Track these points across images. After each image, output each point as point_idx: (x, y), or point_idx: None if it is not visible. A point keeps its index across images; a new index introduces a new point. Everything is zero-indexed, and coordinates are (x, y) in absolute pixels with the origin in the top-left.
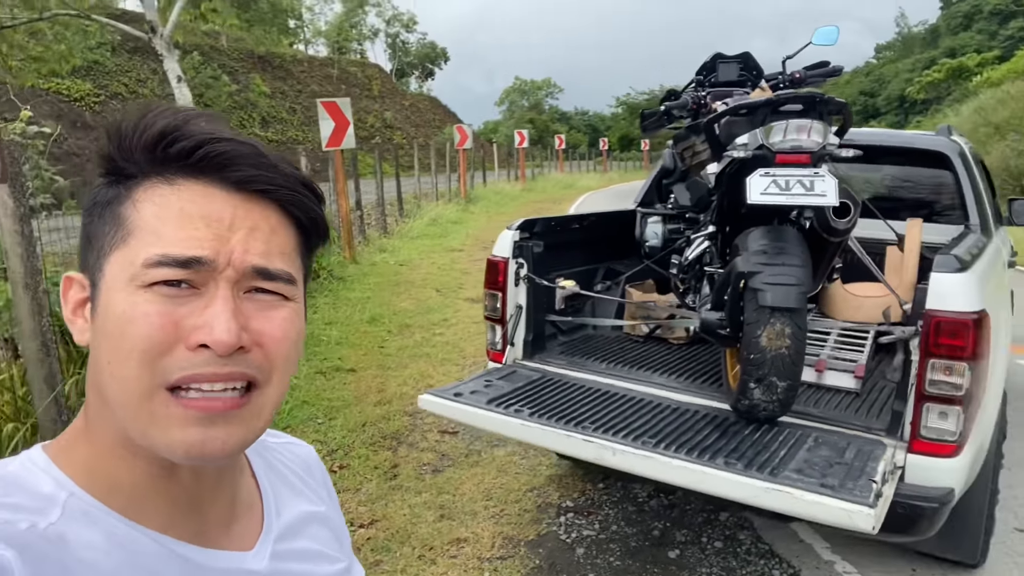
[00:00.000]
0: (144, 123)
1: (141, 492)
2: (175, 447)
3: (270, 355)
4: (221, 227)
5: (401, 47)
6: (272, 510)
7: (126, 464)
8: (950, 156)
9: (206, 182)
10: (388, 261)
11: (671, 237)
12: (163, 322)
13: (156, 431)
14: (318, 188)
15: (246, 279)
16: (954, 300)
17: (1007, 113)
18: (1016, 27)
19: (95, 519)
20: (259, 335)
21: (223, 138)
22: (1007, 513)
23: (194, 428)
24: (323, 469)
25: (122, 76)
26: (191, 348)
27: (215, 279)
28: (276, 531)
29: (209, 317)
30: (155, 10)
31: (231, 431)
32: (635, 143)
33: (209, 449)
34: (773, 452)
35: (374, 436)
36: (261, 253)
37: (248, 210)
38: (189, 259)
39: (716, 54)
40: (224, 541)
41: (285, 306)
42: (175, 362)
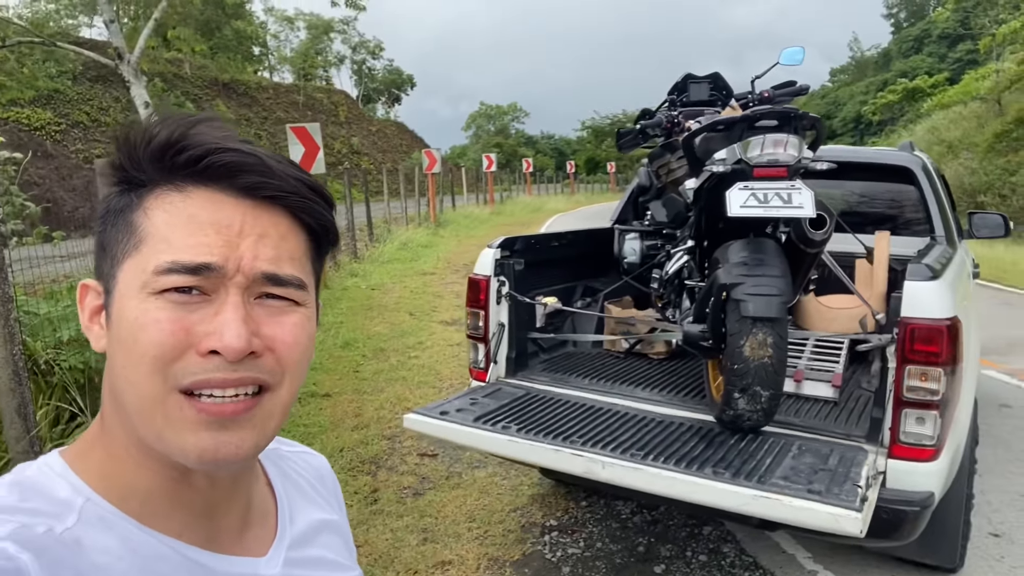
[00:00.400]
0: (150, 132)
1: (156, 497)
2: (188, 451)
3: (282, 359)
4: (231, 233)
5: (367, 73)
6: (286, 517)
7: (141, 469)
8: (914, 170)
9: (215, 189)
10: (360, 285)
11: (649, 253)
12: (174, 328)
13: (170, 434)
14: (328, 193)
15: (256, 285)
16: (928, 307)
17: (959, 133)
18: (964, 50)
19: (110, 524)
20: (271, 340)
21: (228, 148)
22: (981, 519)
23: (207, 432)
24: (335, 479)
25: (83, 104)
26: (202, 354)
27: (225, 285)
28: (289, 538)
29: (219, 324)
30: (121, 37)
31: (244, 435)
32: (601, 166)
33: (223, 454)
34: (759, 461)
35: (352, 461)
36: (271, 259)
37: (257, 216)
38: (199, 265)
39: (687, 75)
40: (237, 547)
41: (296, 311)
42: (187, 367)
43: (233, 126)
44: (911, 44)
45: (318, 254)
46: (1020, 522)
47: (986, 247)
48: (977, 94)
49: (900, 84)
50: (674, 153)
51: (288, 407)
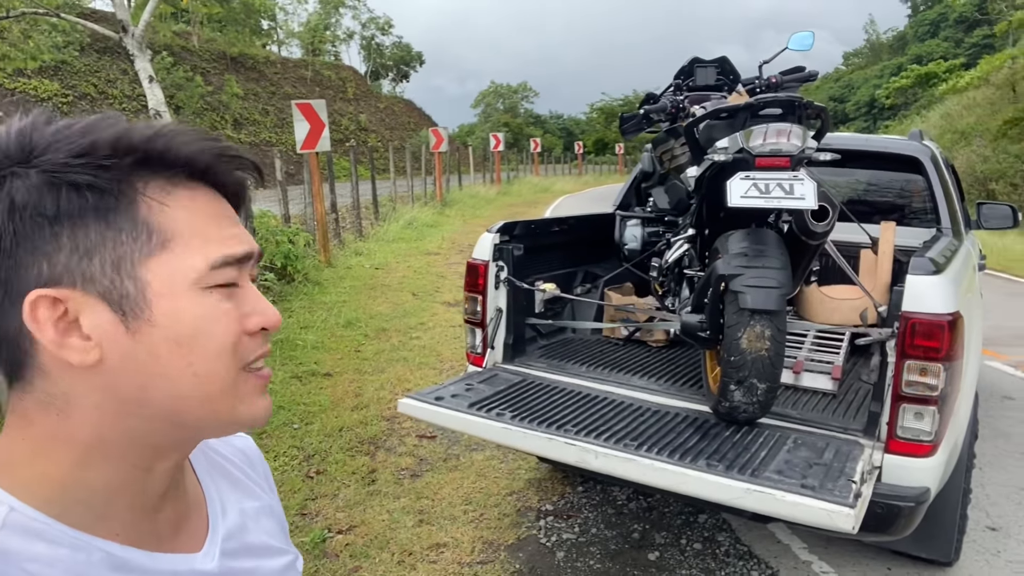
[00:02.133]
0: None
1: (98, 498)
2: (258, 415)
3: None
4: (237, 224)
5: (376, 49)
6: (217, 509)
7: (95, 472)
8: (922, 160)
9: (200, 183)
10: (363, 264)
11: (650, 240)
12: (236, 315)
13: (244, 407)
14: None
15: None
16: (929, 302)
17: (972, 119)
18: (980, 35)
19: (38, 532)
20: None
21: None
22: (979, 512)
23: (263, 398)
24: (263, 460)
25: (91, 76)
26: (251, 333)
27: (244, 270)
28: (223, 530)
29: (258, 304)
30: (126, 9)
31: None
32: (610, 147)
33: (269, 411)
34: (754, 453)
35: (351, 441)
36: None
37: (225, 203)
38: (244, 255)
39: (694, 58)
40: (174, 543)
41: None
42: (248, 347)
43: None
44: (928, 28)
45: None
46: (1018, 516)
47: (996, 237)
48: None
49: (914, 69)
50: (678, 139)
51: None
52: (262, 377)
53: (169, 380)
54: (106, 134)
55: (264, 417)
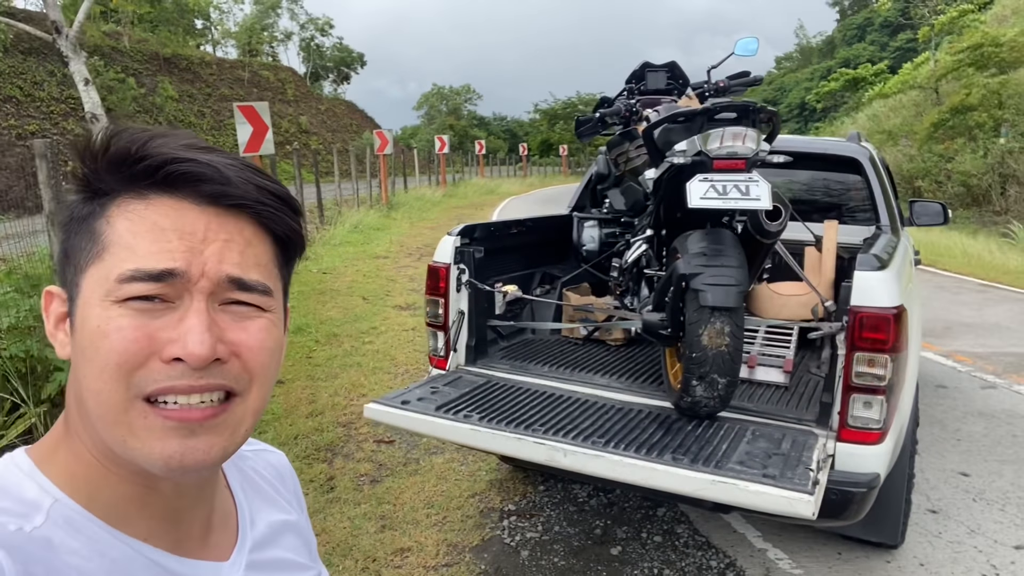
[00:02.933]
0: (111, 142)
1: (122, 502)
2: (154, 458)
3: (248, 365)
4: (194, 240)
5: (316, 51)
6: (247, 521)
7: (108, 474)
8: (861, 161)
9: (179, 197)
10: (311, 269)
11: (607, 241)
12: (137, 336)
13: (135, 442)
14: (295, 201)
15: (221, 290)
16: (876, 296)
17: (899, 120)
18: (904, 39)
19: (78, 526)
20: (236, 346)
21: (186, 157)
22: (919, 496)
23: (174, 439)
24: (294, 476)
25: (15, 79)
26: (165, 361)
27: (189, 291)
28: (251, 542)
29: (183, 331)
30: (59, 9)
31: (212, 441)
32: (554, 149)
33: (190, 460)
34: (716, 446)
35: (307, 449)
36: (236, 263)
37: (222, 223)
38: (162, 272)
39: (644, 63)
40: (201, 552)
41: (262, 316)
42: (150, 375)
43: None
44: (855, 32)
45: (285, 261)
46: (956, 499)
47: (923, 232)
48: (915, 83)
49: (843, 72)
50: (632, 142)
51: (259, 413)
52: (163, 414)
53: (82, 388)
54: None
55: (161, 464)
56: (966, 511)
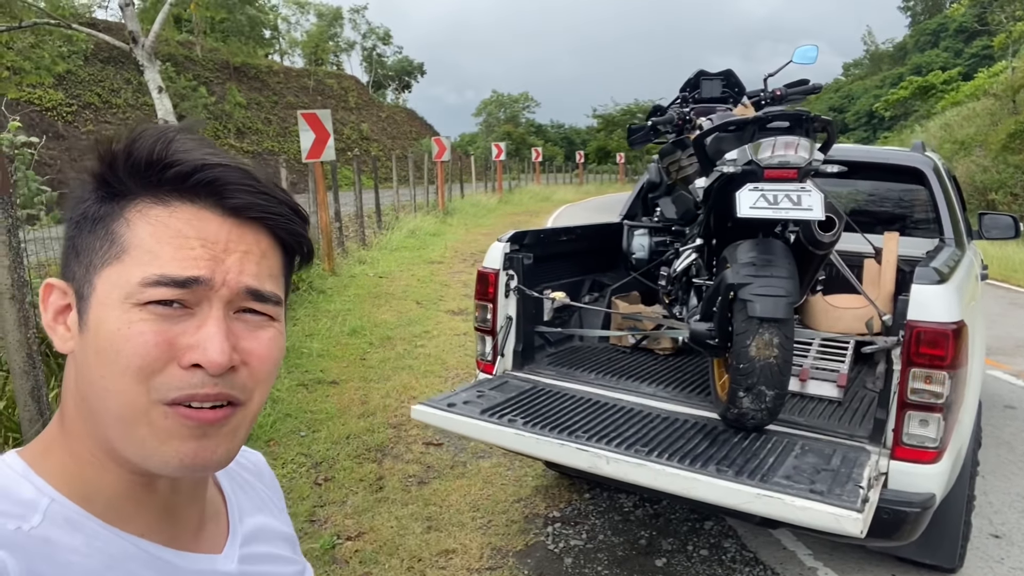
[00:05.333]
0: (133, 146)
1: (119, 499)
2: (171, 458)
3: (255, 374)
4: (217, 249)
5: (377, 60)
6: (236, 516)
7: (105, 472)
8: (925, 172)
9: (201, 205)
10: (367, 273)
11: (657, 249)
12: (158, 340)
13: (155, 443)
14: (305, 212)
15: (238, 299)
16: (934, 311)
17: (972, 130)
18: (979, 45)
19: (76, 524)
20: (247, 354)
21: (215, 164)
22: (982, 519)
23: (190, 440)
24: (273, 475)
25: (95, 86)
26: (184, 367)
27: (209, 299)
28: (241, 536)
29: (203, 337)
30: (136, 20)
31: (219, 442)
32: (611, 156)
33: (201, 459)
34: (762, 459)
35: (358, 448)
36: (254, 275)
37: (242, 234)
38: (188, 279)
39: (700, 71)
40: (196, 545)
41: (272, 326)
42: (170, 381)
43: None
44: (928, 38)
45: (289, 270)
46: (1021, 524)
47: (996, 247)
48: (990, 90)
49: (912, 80)
50: (685, 150)
51: (256, 417)
52: (186, 417)
53: (93, 388)
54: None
55: (176, 463)
56: None
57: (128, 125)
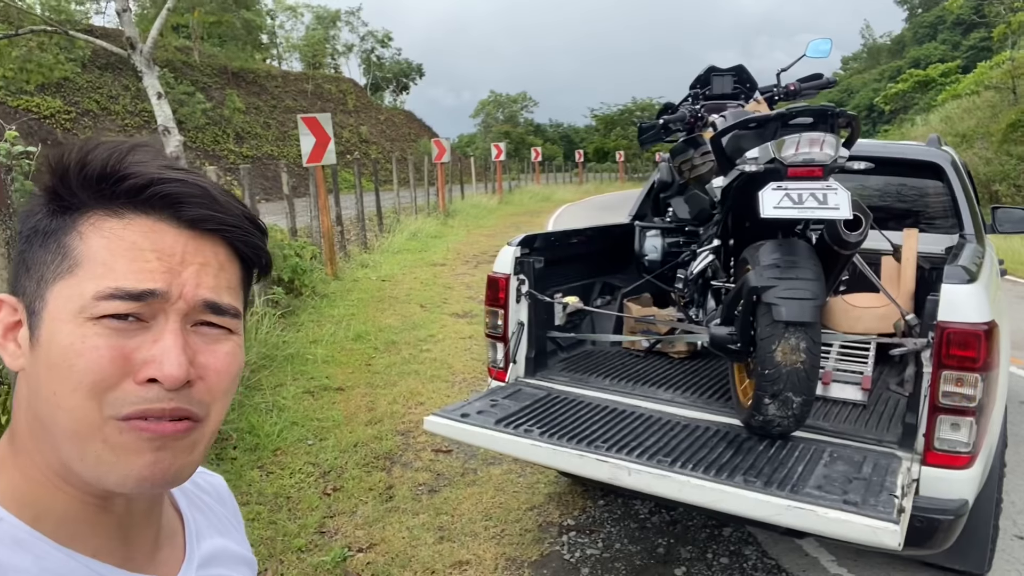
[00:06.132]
0: (85, 159)
1: (71, 520)
2: (128, 473)
3: (212, 388)
4: (172, 261)
5: (376, 63)
6: (194, 539)
7: (58, 492)
8: (943, 166)
9: (156, 217)
10: (370, 276)
11: (670, 251)
12: (113, 355)
13: (112, 458)
14: (263, 223)
15: (195, 312)
16: (965, 311)
17: (973, 122)
18: (977, 38)
19: (24, 544)
20: (204, 368)
21: (171, 178)
22: (1006, 521)
23: (148, 453)
24: (232, 498)
25: (93, 93)
26: (140, 382)
27: (165, 312)
28: (198, 558)
29: (159, 351)
30: (134, 26)
31: (176, 456)
32: (610, 155)
33: (159, 473)
34: (791, 468)
35: (367, 456)
36: (211, 287)
37: (198, 246)
38: (143, 292)
39: (710, 67)
40: (150, 568)
41: (230, 340)
42: (125, 396)
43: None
44: (926, 30)
45: (248, 282)
46: None
47: (1001, 239)
48: (991, 82)
49: (912, 73)
50: (697, 149)
51: (215, 433)
52: (142, 429)
53: (45, 405)
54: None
55: (135, 479)
56: None
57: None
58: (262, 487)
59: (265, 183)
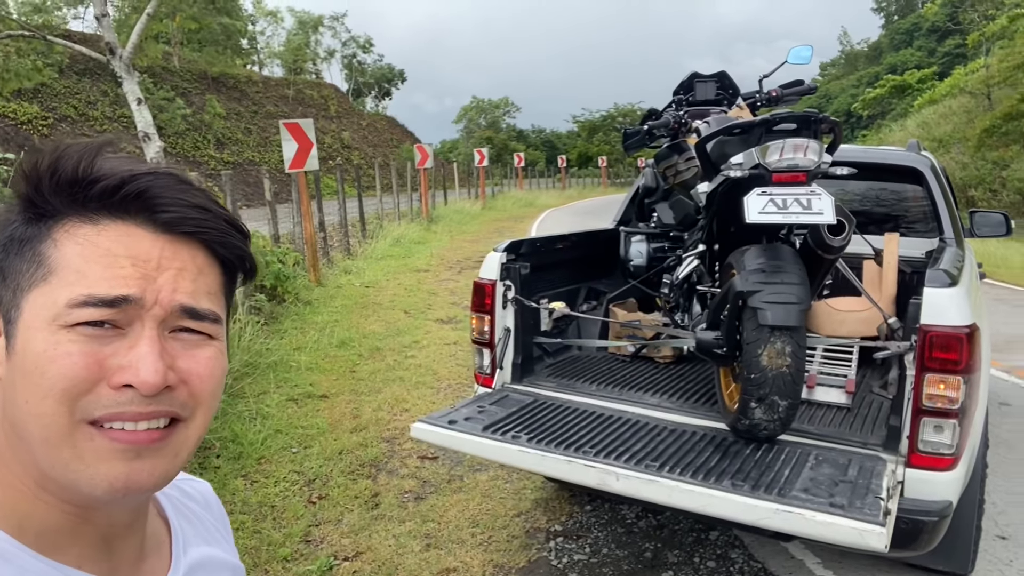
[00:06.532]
0: (57, 164)
1: (53, 530)
2: (99, 481)
3: (195, 393)
4: (148, 267)
5: (358, 68)
6: (180, 548)
7: (38, 502)
8: (923, 171)
9: (131, 222)
10: (354, 283)
11: (656, 256)
12: (87, 362)
13: (79, 465)
14: (244, 227)
15: (173, 318)
16: (947, 314)
17: (949, 127)
18: (952, 44)
19: (5, 554)
20: (186, 374)
21: (142, 173)
22: (987, 521)
23: (119, 462)
24: (220, 506)
25: (71, 98)
26: (115, 387)
27: (141, 318)
28: (184, 567)
29: (134, 358)
30: (113, 31)
31: (156, 463)
32: (592, 160)
33: (134, 482)
34: (777, 472)
35: (352, 464)
36: (189, 293)
37: (175, 251)
38: (116, 298)
39: (693, 73)
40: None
41: (211, 345)
42: (98, 400)
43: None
44: (903, 37)
45: (231, 288)
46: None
47: (978, 242)
48: (965, 88)
49: (888, 79)
50: (682, 154)
51: (200, 438)
52: (111, 436)
53: (19, 412)
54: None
55: (106, 486)
56: None
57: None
58: (246, 496)
59: (247, 189)
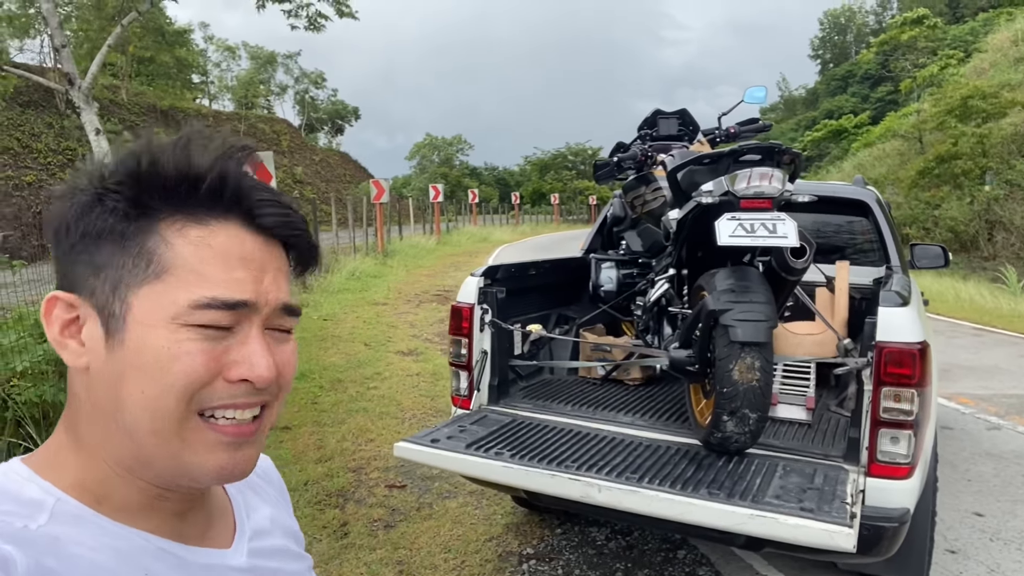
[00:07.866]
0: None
1: (132, 505)
2: (207, 470)
3: (283, 383)
4: (255, 269)
5: (310, 103)
6: (243, 513)
7: (121, 481)
8: (870, 204)
9: (234, 222)
10: (311, 316)
11: (625, 282)
12: (206, 359)
13: (189, 455)
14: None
15: (274, 316)
16: (901, 332)
17: (884, 169)
18: (884, 91)
19: (83, 520)
20: (280, 366)
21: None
22: (938, 536)
23: (224, 453)
24: (280, 478)
25: (14, 131)
26: (231, 381)
27: (250, 318)
28: (249, 532)
29: (249, 354)
30: (72, 62)
31: (252, 453)
32: (545, 198)
33: (237, 471)
34: (749, 481)
35: (318, 494)
36: (287, 291)
37: (271, 251)
38: (237, 302)
39: (656, 110)
40: (205, 541)
41: (291, 338)
42: (213, 393)
43: None
44: (838, 83)
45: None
46: (973, 539)
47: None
48: (899, 132)
49: (826, 124)
50: (648, 185)
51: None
52: (219, 430)
53: (128, 402)
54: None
55: (213, 475)
56: (984, 551)
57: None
58: None
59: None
